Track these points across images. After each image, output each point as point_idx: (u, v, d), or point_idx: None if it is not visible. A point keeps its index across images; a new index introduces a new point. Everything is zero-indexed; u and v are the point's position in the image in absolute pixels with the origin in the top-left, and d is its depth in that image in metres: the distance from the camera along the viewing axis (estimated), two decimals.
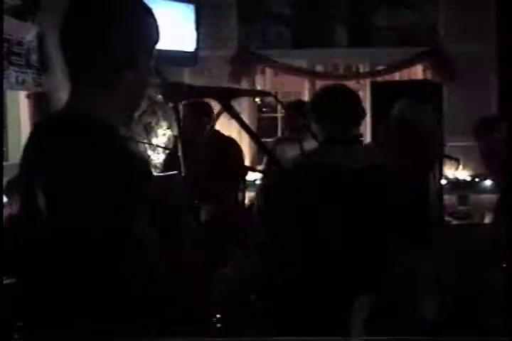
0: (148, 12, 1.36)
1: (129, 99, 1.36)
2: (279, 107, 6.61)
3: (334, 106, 2.47)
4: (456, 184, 6.11)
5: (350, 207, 2.25)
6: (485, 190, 6.19)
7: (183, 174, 1.82)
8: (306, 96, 6.78)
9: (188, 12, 5.96)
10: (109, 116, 1.32)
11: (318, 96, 2.58)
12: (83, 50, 1.30)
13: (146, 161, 1.40)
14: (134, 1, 1.37)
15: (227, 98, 1.45)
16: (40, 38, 4.17)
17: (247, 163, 6.31)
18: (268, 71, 6.67)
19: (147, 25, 1.35)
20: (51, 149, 1.27)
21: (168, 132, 5.89)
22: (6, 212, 2.77)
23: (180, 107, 4.42)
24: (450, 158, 3.90)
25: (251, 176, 5.81)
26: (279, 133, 6.81)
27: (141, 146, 4.74)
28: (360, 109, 2.51)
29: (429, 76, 6.35)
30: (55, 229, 1.25)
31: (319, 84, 6.64)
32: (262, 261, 2.55)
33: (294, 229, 2.40)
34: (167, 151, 5.30)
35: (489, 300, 3.18)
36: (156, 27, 1.37)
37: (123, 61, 1.30)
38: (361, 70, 6.70)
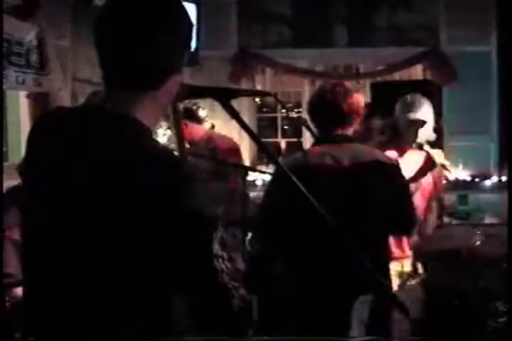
0: (186, 12, 1.37)
1: (168, 101, 1.37)
2: (279, 107, 6.61)
3: (323, 107, 2.46)
4: (456, 184, 6.11)
5: (339, 206, 2.24)
6: (485, 190, 6.20)
7: None
8: (306, 96, 6.79)
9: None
10: (149, 118, 1.32)
11: (312, 96, 2.58)
12: (128, 54, 1.28)
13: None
14: (177, 4, 1.37)
15: (227, 98, 1.45)
16: (40, 38, 4.17)
17: (247, 163, 6.32)
18: (268, 71, 6.67)
19: (188, 26, 1.35)
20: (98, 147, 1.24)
21: (169, 132, 5.88)
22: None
23: (181, 107, 4.43)
24: (444, 167, 3.88)
25: (251, 176, 5.82)
26: (279, 133, 6.82)
27: None
28: (354, 108, 2.48)
29: (429, 76, 6.35)
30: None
31: (319, 84, 6.65)
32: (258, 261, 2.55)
33: (289, 227, 2.40)
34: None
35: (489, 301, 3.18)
36: (192, 27, 1.38)
37: (171, 64, 1.31)
38: (361, 70, 6.70)
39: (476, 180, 6.26)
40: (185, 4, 1.39)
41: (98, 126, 1.27)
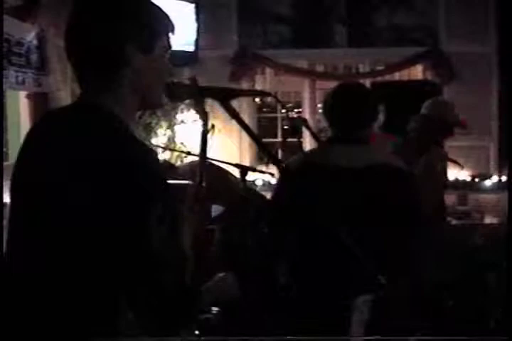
0: (148, 9, 1.36)
1: (139, 94, 1.37)
2: (279, 107, 6.61)
3: (337, 106, 2.45)
4: (456, 184, 6.11)
5: (349, 207, 2.25)
6: (485, 190, 6.20)
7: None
8: (306, 96, 6.79)
9: (189, 12, 5.96)
10: (121, 110, 1.33)
11: (326, 95, 2.56)
12: (82, 47, 1.33)
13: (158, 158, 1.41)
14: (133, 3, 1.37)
15: (227, 98, 1.45)
16: (40, 38, 4.17)
17: (247, 163, 6.32)
18: (268, 71, 6.67)
19: (147, 21, 1.35)
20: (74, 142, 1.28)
21: (169, 132, 5.88)
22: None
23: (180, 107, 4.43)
24: (454, 162, 3.94)
25: (251, 176, 5.82)
26: (279, 133, 6.82)
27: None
28: (367, 109, 2.46)
29: (429, 76, 6.35)
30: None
31: (319, 84, 6.66)
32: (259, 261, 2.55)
33: (294, 228, 2.40)
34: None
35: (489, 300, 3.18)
36: (160, 22, 1.37)
37: (118, 59, 1.31)
38: (361, 70, 6.70)
39: (476, 180, 6.26)
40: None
41: (66, 121, 1.32)
